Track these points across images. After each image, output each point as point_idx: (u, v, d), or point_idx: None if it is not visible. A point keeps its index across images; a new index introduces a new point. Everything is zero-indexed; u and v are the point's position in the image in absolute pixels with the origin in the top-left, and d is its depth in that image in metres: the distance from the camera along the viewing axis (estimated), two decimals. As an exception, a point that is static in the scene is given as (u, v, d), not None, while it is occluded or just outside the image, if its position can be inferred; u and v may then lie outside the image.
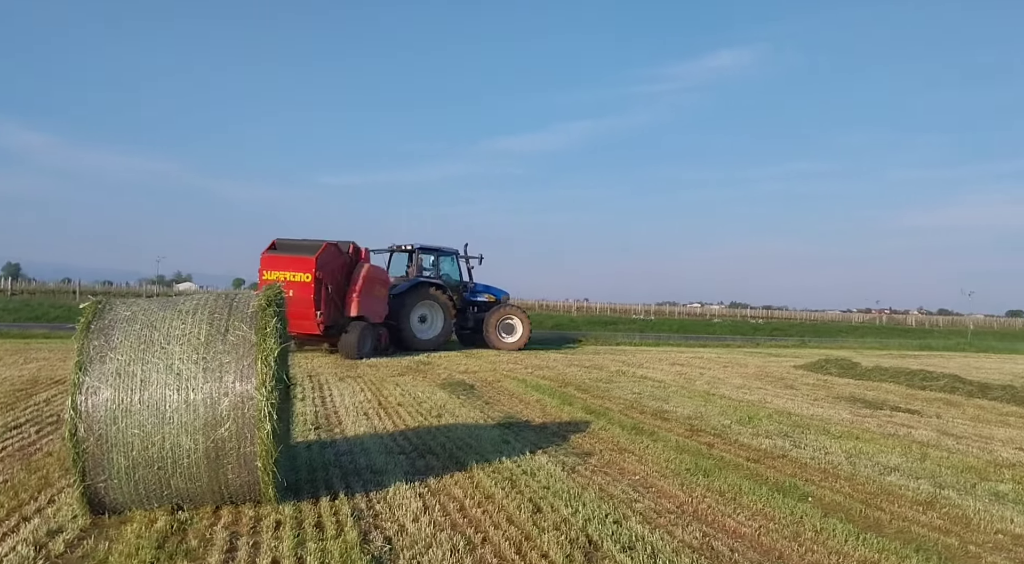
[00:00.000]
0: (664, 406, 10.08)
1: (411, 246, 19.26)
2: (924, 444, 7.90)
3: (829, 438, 8.05)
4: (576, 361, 16.86)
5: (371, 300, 16.11)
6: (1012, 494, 5.84)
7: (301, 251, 14.96)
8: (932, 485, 6.03)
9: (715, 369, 16.37)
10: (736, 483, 5.80)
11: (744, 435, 8.06)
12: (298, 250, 15.04)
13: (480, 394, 10.59)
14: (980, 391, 12.87)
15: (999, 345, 32.06)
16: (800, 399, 11.56)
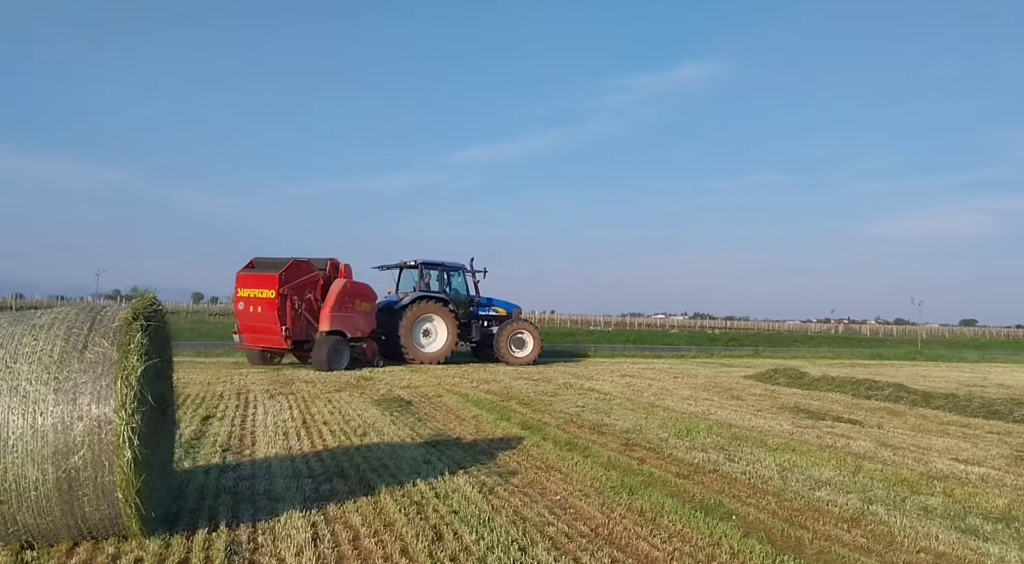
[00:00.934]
0: (604, 419, 9.81)
1: (415, 262, 19.49)
2: (860, 456, 7.75)
3: (765, 451, 7.85)
4: (525, 374, 16.55)
5: (346, 315, 16.49)
6: (941, 508, 5.67)
7: (269, 269, 15.57)
8: (861, 500, 5.83)
9: (665, 380, 16.22)
10: (660, 501, 5.52)
11: (679, 449, 7.81)
12: (267, 268, 15.67)
13: (416, 410, 10.20)
14: (923, 400, 12.89)
15: (948, 354, 32.69)
16: (744, 410, 11.41)
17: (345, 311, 16.50)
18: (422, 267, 19.49)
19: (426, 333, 18.81)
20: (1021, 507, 5.72)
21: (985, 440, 9.26)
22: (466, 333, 19.89)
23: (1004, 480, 6.76)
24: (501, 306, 20.91)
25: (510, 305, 21.17)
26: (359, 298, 17.07)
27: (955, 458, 7.87)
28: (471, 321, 20.03)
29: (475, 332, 20.10)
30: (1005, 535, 4.99)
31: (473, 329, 20.05)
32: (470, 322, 19.98)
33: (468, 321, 19.93)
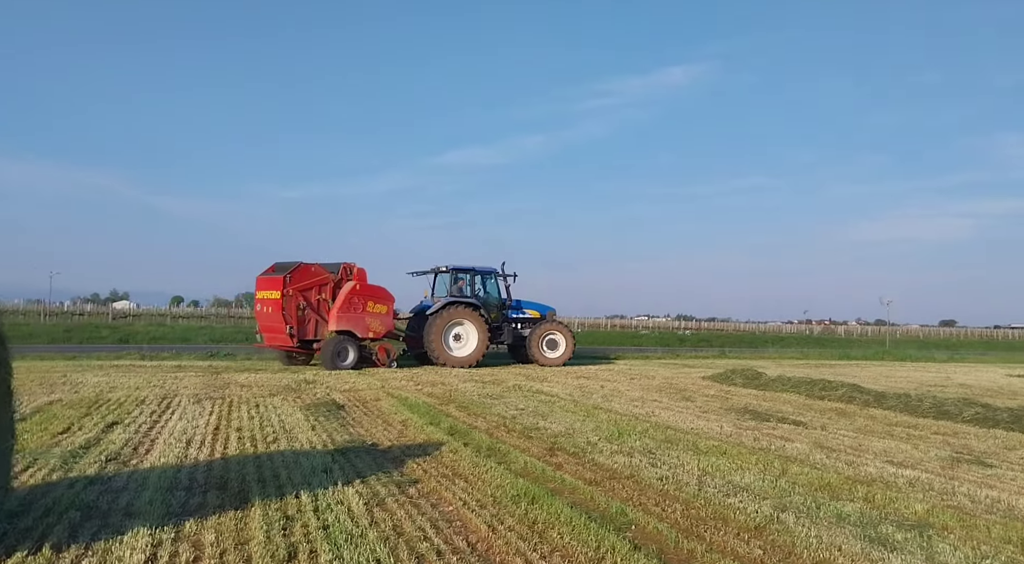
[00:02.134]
0: (540, 423, 9.45)
1: (447, 267, 19.93)
2: (790, 459, 7.44)
3: (693, 454, 7.52)
4: (477, 376, 16.16)
5: (356, 316, 17.36)
6: (856, 515, 5.35)
7: (280, 272, 16.88)
8: (774, 507, 5.50)
9: (620, 382, 15.90)
10: (558, 512, 5.16)
11: (604, 453, 7.47)
12: (279, 271, 16.98)
13: (344, 415, 9.78)
14: (876, 401, 12.66)
15: (917, 354, 32.70)
16: (689, 412, 11.10)
17: (354, 312, 17.30)
18: (453, 272, 19.86)
19: (457, 337, 19.11)
20: (940, 513, 5.43)
21: (928, 441, 9.00)
22: (498, 336, 20.14)
23: (932, 484, 6.48)
24: (534, 309, 21.17)
25: (544, 307, 21.37)
26: (372, 300, 17.67)
27: (890, 461, 7.59)
28: (503, 324, 20.27)
29: (507, 335, 20.35)
30: (914, 544, 4.67)
31: (505, 332, 20.27)
32: (502, 325, 20.22)
33: (500, 324, 20.20)
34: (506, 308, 20.54)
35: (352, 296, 17.36)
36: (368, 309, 17.57)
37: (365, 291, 17.67)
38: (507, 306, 20.58)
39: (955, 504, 5.77)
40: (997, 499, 5.96)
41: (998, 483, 6.63)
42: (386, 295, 18.20)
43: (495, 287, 20.53)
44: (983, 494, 6.12)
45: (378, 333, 17.82)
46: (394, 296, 18.57)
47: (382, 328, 17.92)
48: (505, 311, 20.49)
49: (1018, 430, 9.92)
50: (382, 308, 17.90)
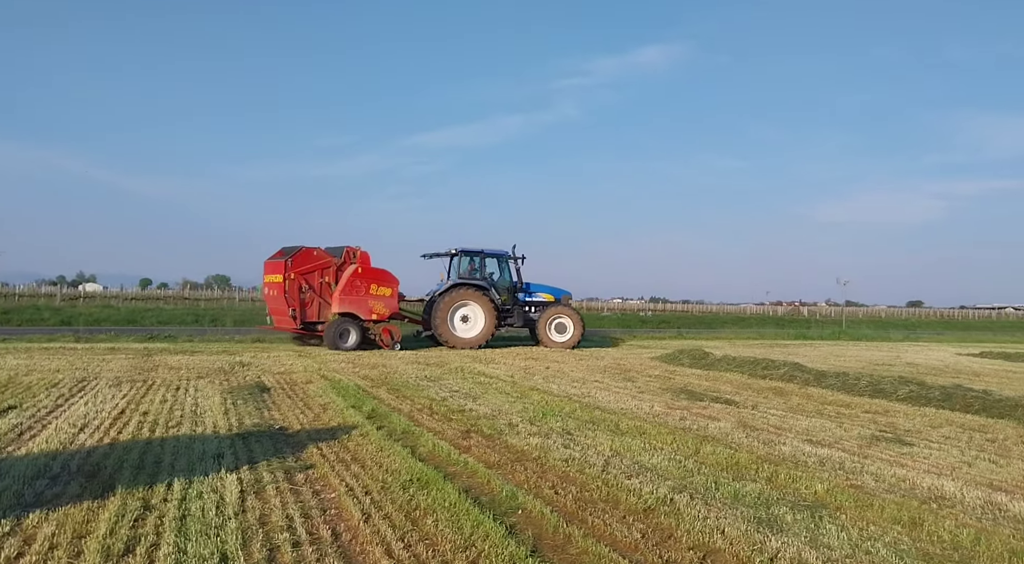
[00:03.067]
0: (467, 405, 9.23)
1: (456, 250, 20.03)
2: (708, 439, 7.31)
3: (611, 435, 7.35)
4: (423, 359, 15.89)
5: (359, 298, 17.71)
6: (753, 496, 5.21)
7: (285, 257, 17.36)
8: (672, 488, 5.33)
9: (568, 363, 15.76)
10: (444, 498, 4.93)
11: (520, 435, 7.26)
12: (285, 256, 17.43)
13: (265, 398, 9.46)
14: (815, 379, 12.65)
15: (872, 333, 33.08)
16: (625, 392, 10.97)
17: (357, 294, 17.66)
18: (461, 255, 19.98)
19: (464, 319, 19.22)
20: (839, 493, 5.30)
21: (855, 420, 8.95)
22: (508, 319, 20.05)
23: (843, 463, 6.37)
24: (548, 292, 20.91)
25: (559, 291, 21.13)
26: (375, 282, 17.95)
27: (809, 439, 7.49)
28: (514, 307, 20.13)
29: (516, 317, 20.17)
30: (801, 526, 4.53)
31: (515, 314, 20.12)
32: (513, 308, 20.10)
33: (511, 307, 20.09)
34: (517, 291, 20.37)
35: (354, 279, 17.72)
36: (371, 292, 17.87)
37: (368, 274, 17.97)
38: (518, 289, 20.39)
39: (858, 483, 5.66)
40: (903, 478, 5.87)
41: (910, 462, 6.55)
42: (390, 278, 18.34)
43: (506, 270, 20.41)
44: (890, 473, 6.02)
45: (382, 315, 18.08)
46: (398, 279, 18.66)
47: (386, 310, 18.13)
48: (517, 294, 20.35)
49: (947, 408, 9.94)
50: (386, 290, 18.10)
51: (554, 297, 20.92)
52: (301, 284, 17.39)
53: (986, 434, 8.15)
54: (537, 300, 20.68)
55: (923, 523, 4.64)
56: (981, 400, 9.97)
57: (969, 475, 6.07)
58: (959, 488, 5.55)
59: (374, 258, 18.42)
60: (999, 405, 9.64)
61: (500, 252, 20.40)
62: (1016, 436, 8.05)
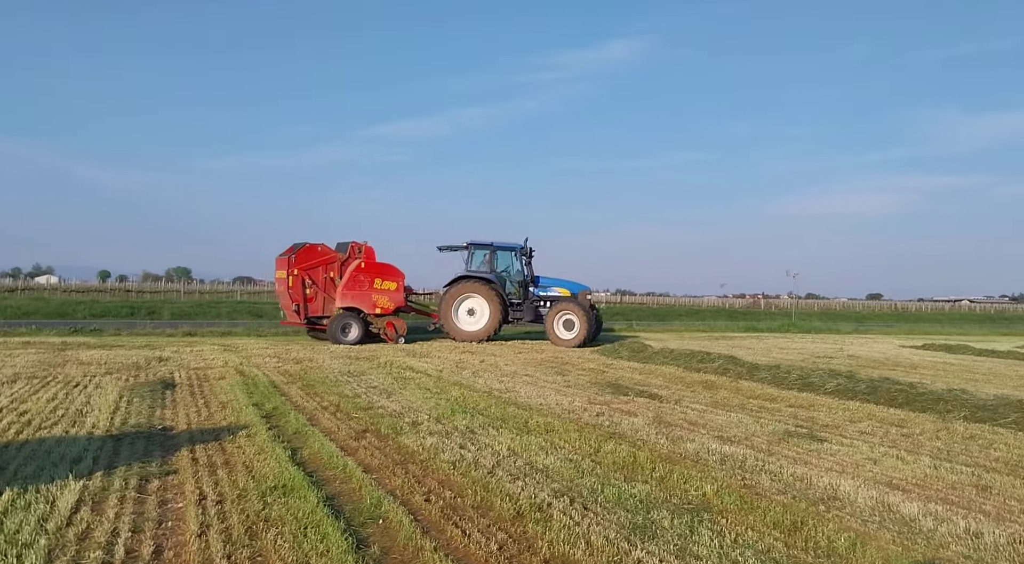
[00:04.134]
0: (379, 402, 8.84)
1: (467, 243, 19.72)
2: (615, 436, 7.03)
3: (516, 433, 7.02)
4: (355, 352, 15.40)
5: (362, 293, 17.95)
6: (637, 499, 4.91)
7: (291, 253, 17.68)
8: (556, 491, 5.02)
9: (506, 356, 15.43)
10: (302, 507, 4.55)
11: (420, 434, 6.89)
12: (291, 252, 17.72)
13: (166, 396, 8.94)
14: (748, 372, 12.52)
15: (822, 325, 33.44)
16: (551, 386, 10.68)
17: (360, 289, 17.92)
18: (473, 248, 19.60)
19: (471, 312, 18.96)
20: (727, 494, 5.04)
21: (776, 414, 8.77)
22: (522, 313, 19.53)
23: (745, 461, 6.14)
24: (563, 286, 20.04)
25: (576, 285, 20.21)
26: (379, 277, 18.17)
27: (720, 436, 7.26)
28: (524, 302, 19.60)
29: (526, 312, 19.57)
30: (675, 532, 4.25)
31: (525, 309, 19.54)
32: (523, 303, 19.58)
33: (521, 301, 19.58)
34: (528, 285, 19.71)
35: (358, 273, 17.98)
36: (375, 286, 18.06)
37: (372, 268, 18.17)
38: (528, 283, 19.72)
39: (753, 483, 5.42)
40: (801, 477, 5.64)
41: (815, 459, 6.34)
42: (395, 272, 18.46)
43: (517, 263, 19.80)
44: (790, 472, 5.80)
45: (386, 309, 18.20)
46: (404, 273, 18.68)
47: (391, 304, 18.25)
48: (528, 288, 19.71)
49: (872, 401, 9.83)
50: (391, 285, 18.23)
51: (570, 292, 19.92)
52: (304, 279, 17.64)
53: (903, 429, 8.02)
54: (551, 295, 19.80)
55: (804, 527, 4.39)
56: (905, 393, 9.89)
57: (871, 473, 5.87)
58: (855, 487, 5.34)
59: (382, 252, 18.53)
60: (922, 398, 9.56)
61: (511, 245, 19.82)
62: (933, 431, 7.94)
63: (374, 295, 18.10)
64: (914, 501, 5.03)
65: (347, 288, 17.93)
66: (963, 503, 5.04)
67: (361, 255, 18.33)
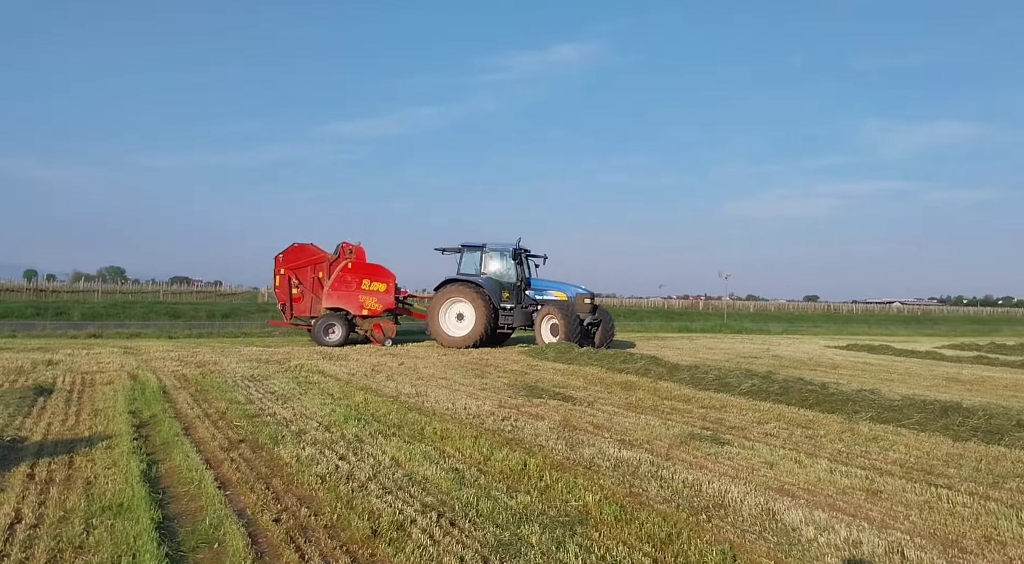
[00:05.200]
0: (271, 409, 8.29)
1: (462, 245, 19.01)
2: (513, 442, 6.69)
3: (406, 441, 6.60)
4: (266, 356, 14.69)
5: (348, 293, 17.61)
6: (514, 510, 4.57)
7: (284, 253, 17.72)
8: (427, 505, 4.64)
9: (428, 358, 14.99)
10: (126, 530, 4.04)
11: (299, 444, 6.39)
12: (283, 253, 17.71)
13: (36, 402, 8.19)
14: (668, 373, 12.38)
15: (752, 326, 34.02)
16: (465, 390, 10.29)
17: (347, 290, 17.59)
18: (465, 250, 18.88)
19: (460, 317, 18.08)
20: (608, 504, 4.74)
21: (686, 416, 8.58)
22: (514, 318, 18.31)
23: (639, 467, 5.87)
24: (560, 289, 18.67)
25: (573, 288, 18.66)
26: (367, 278, 17.75)
27: (622, 440, 6.99)
28: (516, 306, 18.47)
29: (517, 317, 18.31)
30: (539, 550, 3.91)
31: (516, 314, 18.30)
32: (516, 306, 18.47)
33: (513, 306, 18.47)
34: (521, 288, 18.55)
35: (345, 274, 17.65)
36: (362, 287, 17.68)
37: (360, 269, 17.77)
38: (521, 285, 18.55)
39: (638, 491, 5.14)
40: (692, 483, 5.39)
41: (711, 464, 6.12)
42: (384, 273, 17.99)
43: (511, 265, 18.64)
44: (682, 477, 5.54)
45: (374, 311, 17.79)
46: (394, 274, 18.13)
47: (379, 306, 17.80)
48: (524, 291, 18.59)
49: (784, 402, 9.76)
50: (379, 286, 17.79)
51: (567, 295, 18.45)
52: (291, 279, 17.56)
53: (809, 430, 7.91)
54: (547, 298, 18.46)
55: (678, 540, 4.11)
56: (816, 394, 9.85)
57: (764, 478, 5.67)
58: (744, 494, 5.11)
59: (379, 254, 18.19)
60: (832, 399, 9.53)
61: (504, 246, 18.74)
62: (838, 432, 7.84)
63: (361, 296, 17.71)
64: (800, 508, 4.82)
65: (334, 289, 17.59)
66: (850, 509, 4.85)
67: (351, 256, 17.92)
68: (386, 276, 18.03)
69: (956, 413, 8.25)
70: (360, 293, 17.72)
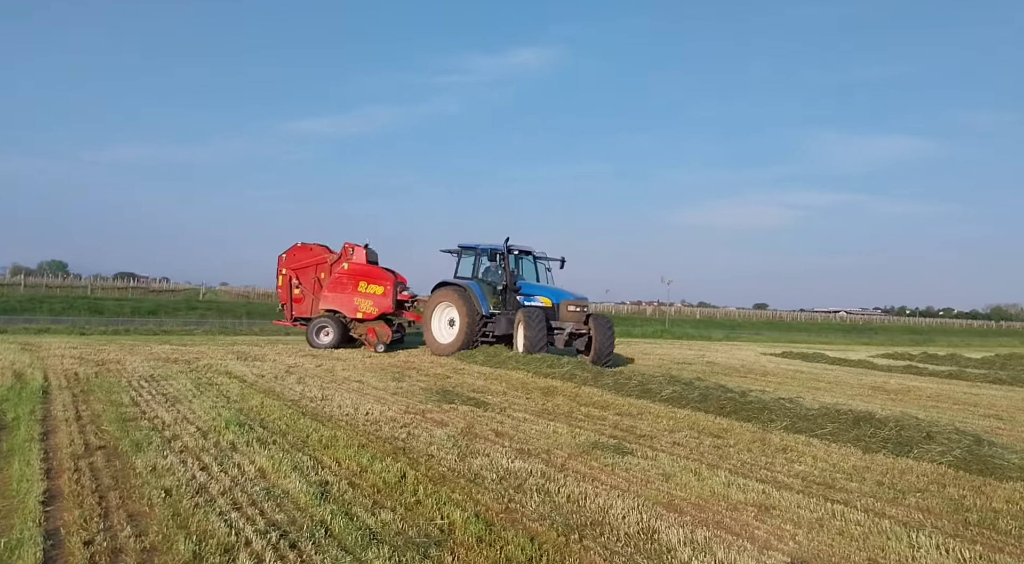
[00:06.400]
0: (154, 412, 7.68)
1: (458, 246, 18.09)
2: (400, 452, 6.25)
3: (283, 450, 6.10)
4: (178, 353, 13.96)
5: (343, 296, 16.93)
6: (372, 530, 4.13)
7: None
8: (267, 525, 4.18)
9: (351, 360, 14.43)
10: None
11: (160, 452, 5.83)
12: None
13: None
14: (593, 378, 12.09)
15: (693, 332, 34.24)
16: (376, 394, 9.80)
17: (343, 292, 16.92)
18: (461, 251, 17.89)
19: (452, 323, 16.99)
20: (475, 523, 4.33)
21: (598, 423, 8.28)
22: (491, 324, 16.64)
23: (527, 479, 5.50)
24: (546, 295, 16.62)
25: (560, 294, 16.69)
26: (364, 280, 16.99)
27: (520, 449, 6.63)
28: (502, 312, 16.80)
29: (501, 324, 16.47)
30: (378, 578, 3.48)
31: (498, 320, 16.55)
32: (501, 313, 16.81)
33: (499, 312, 16.86)
34: (509, 292, 16.79)
35: (342, 276, 17.02)
36: (359, 289, 16.97)
37: (357, 271, 17.03)
38: (508, 289, 16.77)
39: (516, 506, 4.75)
40: (577, 498, 5.03)
41: (604, 475, 5.78)
42: (383, 275, 17.07)
43: (497, 267, 17.24)
44: (568, 491, 5.18)
45: (369, 314, 16.94)
46: (395, 277, 17.09)
47: (374, 309, 16.91)
48: (515, 296, 16.79)
49: (702, 409, 9.55)
50: (377, 289, 16.95)
51: (552, 301, 16.47)
52: (292, 279, 17.29)
53: (720, 439, 7.67)
54: (534, 304, 16.45)
55: (538, 565, 3.73)
56: (735, 402, 9.67)
57: (656, 491, 5.35)
58: (628, 509, 4.78)
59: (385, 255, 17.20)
60: (749, 407, 9.35)
61: (496, 247, 17.17)
62: (748, 441, 7.62)
63: (356, 298, 16.94)
64: (684, 526, 4.50)
65: (330, 290, 17.02)
66: (735, 528, 4.56)
67: (351, 257, 17.17)
68: (384, 279, 16.98)
69: (868, 424, 8.12)
70: (356, 295, 16.95)
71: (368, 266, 17.26)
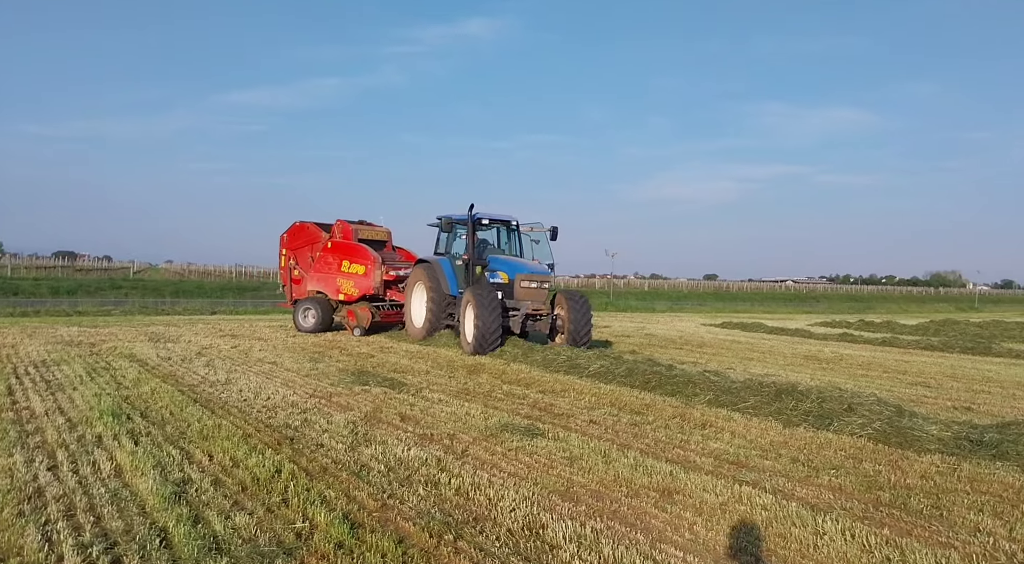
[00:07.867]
0: (28, 401, 7.04)
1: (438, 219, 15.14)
2: (286, 442, 5.75)
3: (155, 444, 5.53)
4: (89, 337, 13.08)
5: (327, 276, 15.93)
6: (216, 538, 3.64)
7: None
8: (95, 537, 3.63)
9: (275, 340, 13.76)
10: None
11: (12, 449, 5.21)
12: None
13: None
14: (523, 355, 11.81)
15: (638, 304, 34.31)
16: (284, 377, 9.25)
17: (327, 272, 15.96)
18: (441, 224, 14.87)
19: (423, 305, 14.50)
20: (336, 524, 3.86)
21: (516, 403, 7.91)
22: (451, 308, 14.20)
23: (417, 471, 5.05)
24: (506, 270, 13.67)
25: (517, 267, 13.69)
26: (347, 258, 15.70)
27: (423, 434, 6.19)
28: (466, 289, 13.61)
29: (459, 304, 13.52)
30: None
31: (459, 300, 13.65)
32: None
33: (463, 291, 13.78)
34: (475, 267, 13.84)
35: (326, 255, 16.00)
36: (341, 269, 15.71)
37: (339, 249, 15.88)
38: (476, 265, 13.83)
39: (393, 503, 4.30)
40: (467, 489, 4.60)
41: (506, 462, 5.38)
42: (365, 254, 15.52)
43: (462, 240, 14.61)
44: (459, 482, 4.75)
45: (350, 296, 15.56)
46: (374, 256, 15.34)
47: (355, 290, 15.51)
48: (482, 272, 13.89)
49: (628, 384, 9.26)
50: (359, 268, 15.46)
51: (508, 276, 13.60)
52: (291, 260, 16.61)
53: (639, 415, 7.37)
54: (496, 281, 13.64)
55: (395, 575, 3.30)
56: (660, 376, 9.40)
57: (555, 478, 4.97)
58: (520, 500, 4.38)
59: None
60: (674, 381, 9.09)
61: (463, 217, 14.14)
62: (668, 417, 7.32)
63: (339, 279, 15.73)
64: (576, 518, 4.12)
65: (316, 270, 16.10)
66: (631, 518, 4.20)
67: (338, 235, 16.11)
68: (367, 258, 15.32)
69: (790, 396, 7.92)
70: (339, 275, 15.71)
71: (351, 244, 15.87)
